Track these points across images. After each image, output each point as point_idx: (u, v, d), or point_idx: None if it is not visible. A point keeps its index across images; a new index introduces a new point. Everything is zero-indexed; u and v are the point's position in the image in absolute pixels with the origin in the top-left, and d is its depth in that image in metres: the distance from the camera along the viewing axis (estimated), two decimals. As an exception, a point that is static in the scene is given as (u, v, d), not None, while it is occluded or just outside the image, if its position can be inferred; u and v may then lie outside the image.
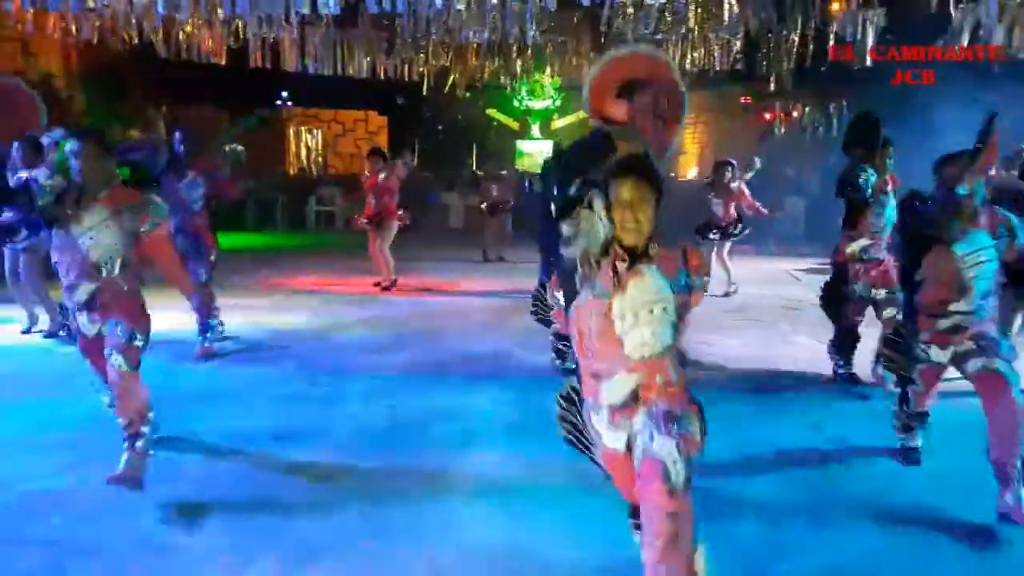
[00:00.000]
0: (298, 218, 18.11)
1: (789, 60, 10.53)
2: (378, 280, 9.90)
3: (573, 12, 11.03)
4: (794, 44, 10.23)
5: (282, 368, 6.19)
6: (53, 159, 3.89)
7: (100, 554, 3.30)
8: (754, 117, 20.03)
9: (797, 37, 10.06)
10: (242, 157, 7.21)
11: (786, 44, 10.35)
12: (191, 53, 10.82)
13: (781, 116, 19.70)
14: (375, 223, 9.62)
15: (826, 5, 9.67)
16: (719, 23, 10.06)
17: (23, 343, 6.93)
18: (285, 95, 24.35)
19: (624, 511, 2.87)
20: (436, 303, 9.16)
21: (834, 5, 9.84)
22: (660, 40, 10.90)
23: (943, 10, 7.22)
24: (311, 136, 24.37)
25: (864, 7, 9.03)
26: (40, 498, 3.79)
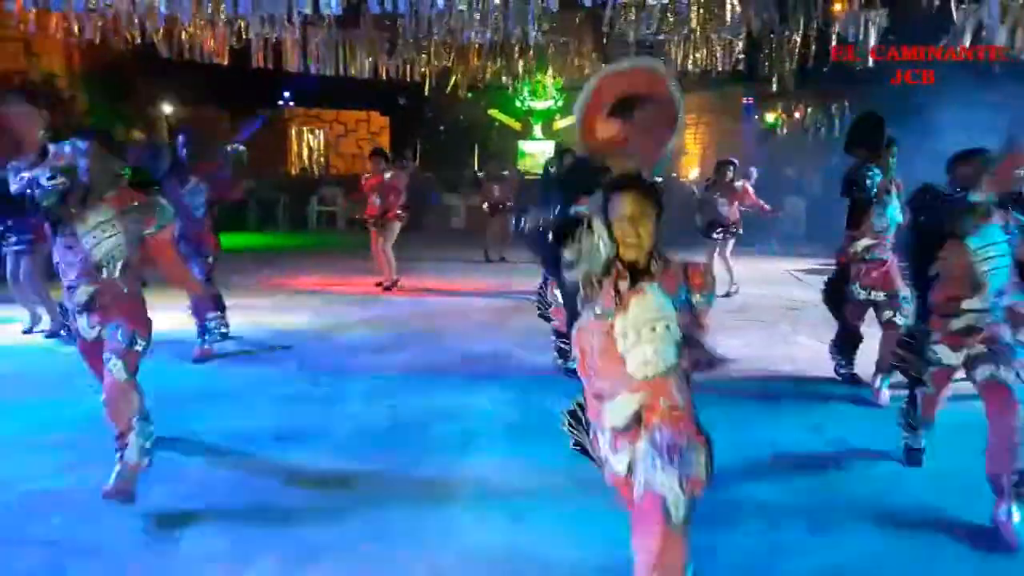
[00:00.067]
0: (300, 218, 18.12)
1: (791, 61, 10.52)
2: (379, 280, 9.91)
3: (575, 12, 11.01)
4: (796, 45, 10.22)
5: (283, 368, 6.19)
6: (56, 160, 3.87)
7: (100, 554, 3.30)
8: (755, 118, 20.00)
9: (799, 38, 10.05)
10: (244, 157, 7.19)
11: (788, 45, 10.34)
12: (193, 53, 10.82)
13: (783, 116, 19.68)
14: (379, 223, 9.64)
15: (828, 6, 9.66)
16: (721, 24, 10.05)
17: (24, 343, 6.94)
18: (287, 95, 24.37)
19: (625, 514, 2.85)
20: (437, 303, 9.16)
21: (836, 5, 9.84)
22: (662, 40, 10.91)
23: (945, 10, 7.22)
24: (313, 136, 24.40)
25: (866, 8, 9.02)
26: (40, 498, 3.79)
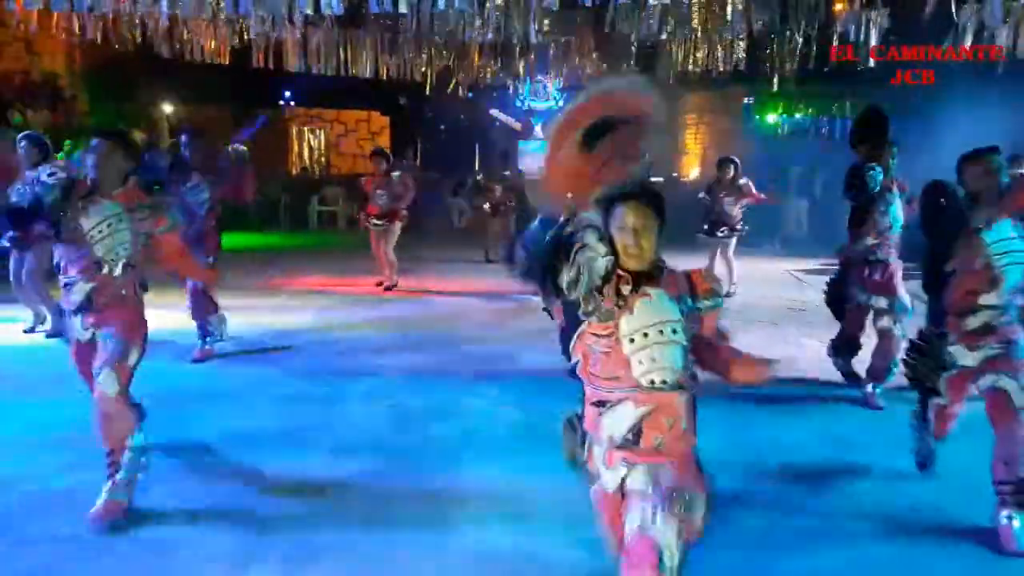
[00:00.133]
0: (300, 218, 18.13)
1: (792, 61, 10.51)
2: (380, 280, 9.92)
3: (576, 12, 11.01)
4: (797, 45, 10.21)
5: (283, 368, 6.19)
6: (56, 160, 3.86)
7: (100, 554, 3.30)
8: (756, 117, 19.98)
9: (800, 38, 10.04)
10: (245, 156, 7.18)
11: (789, 45, 10.33)
12: (194, 53, 10.81)
13: (783, 117, 19.67)
14: (382, 224, 9.63)
15: (829, 6, 9.65)
16: (722, 24, 10.05)
17: (25, 343, 6.94)
18: (287, 95, 24.36)
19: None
20: (438, 303, 9.16)
21: (837, 5, 9.83)
22: (663, 40, 10.89)
23: (946, 11, 7.20)
24: (314, 136, 24.36)
25: (867, 8, 9.00)
26: (40, 498, 3.79)
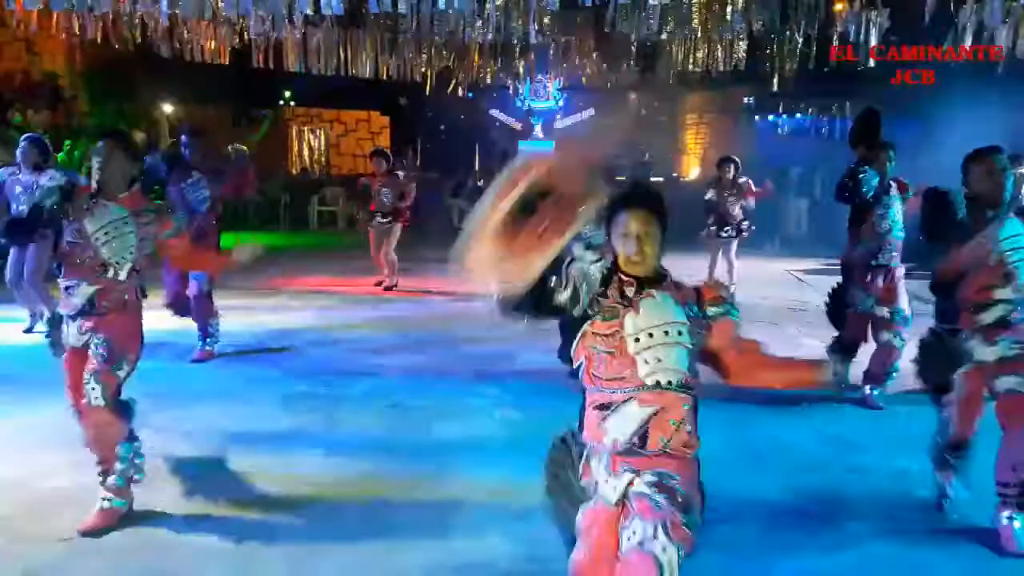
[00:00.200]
0: (301, 218, 18.12)
1: (792, 61, 10.51)
2: (380, 279, 9.92)
3: (576, 12, 11.01)
4: (797, 45, 10.21)
5: (283, 368, 6.19)
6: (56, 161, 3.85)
7: (102, 553, 3.31)
8: (756, 117, 19.98)
9: (800, 38, 10.05)
10: (246, 155, 7.20)
11: (789, 45, 10.33)
12: (194, 53, 10.81)
13: (783, 116, 19.68)
14: (384, 225, 9.62)
15: (829, 6, 9.65)
16: (723, 24, 10.05)
17: (25, 342, 6.93)
18: (287, 95, 24.36)
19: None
20: (438, 304, 9.16)
21: (837, 5, 9.83)
22: (664, 40, 10.90)
23: (946, 11, 7.20)
24: (314, 136, 24.35)
25: (867, 8, 9.00)
26: (42, 497, 3.80)
